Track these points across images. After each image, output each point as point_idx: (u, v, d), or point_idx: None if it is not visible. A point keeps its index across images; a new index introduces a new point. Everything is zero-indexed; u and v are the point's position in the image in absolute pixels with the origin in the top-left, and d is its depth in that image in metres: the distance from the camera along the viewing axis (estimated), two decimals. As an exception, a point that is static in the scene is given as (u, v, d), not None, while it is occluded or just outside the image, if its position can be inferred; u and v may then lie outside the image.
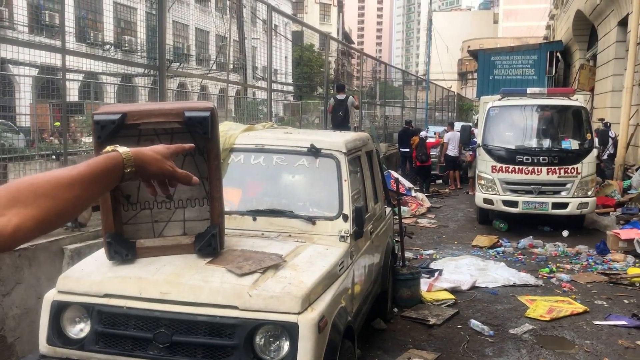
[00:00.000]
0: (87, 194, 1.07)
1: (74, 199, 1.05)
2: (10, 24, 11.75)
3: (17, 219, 0.97)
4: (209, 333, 2.99)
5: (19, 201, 0.99)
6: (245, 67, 13.64)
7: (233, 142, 4.24)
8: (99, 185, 1.10)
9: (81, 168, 1.07)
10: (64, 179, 1.04)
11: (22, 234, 0.98)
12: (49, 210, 1.01)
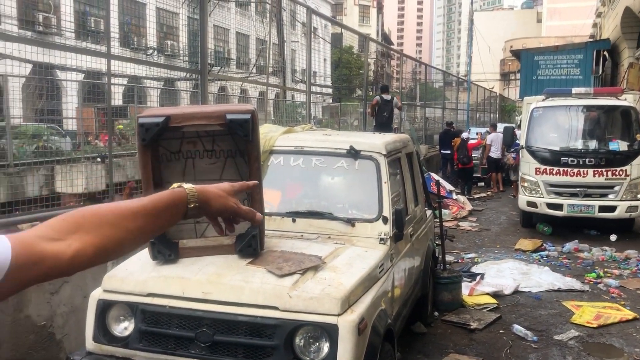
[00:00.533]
0: (149, 227, 1.09)
1: (135, 230, 1.06)
2: (58, 31, 12.16)
3: (77, 244, 0.99)
4: (249, 333, 3.02)
5: (81, 227, 1.01)
6: (284, 70, 13.74)
7: (273, 144, 4.27)
8: (161, 219, 1.11)
9: (145, 201, 1.09)
10: (127, 210, 1.07)
11: (80, 260, 1.00)
12: (110, 238, 1.03)
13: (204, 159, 3.57)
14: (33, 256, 0.95)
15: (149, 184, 3.32)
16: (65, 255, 0.98)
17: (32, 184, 6.45)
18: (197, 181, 3.49)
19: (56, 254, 0.97)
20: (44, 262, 0.96)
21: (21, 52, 6.93)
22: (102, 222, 1.03)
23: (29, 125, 9.77)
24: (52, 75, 9.80)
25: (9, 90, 8.03)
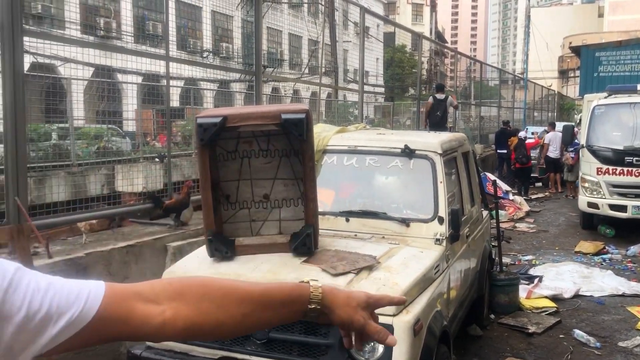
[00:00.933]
0: (255, 315, 0.98)
1: (240, 316, 0.97)
2: (118, 35, 12.57)
3: (170, 313, 0.92)
4: (304, 331, 3.03)
5: (182, 296, 0.94)
6: (336, 70, 13.75)
7: (326, 143, 4.28)
8: (272, 311, 1.00)
9: (263, 287, 1.00)
10: (237, 291, 0.98)
11: (169, 330, 0.92)
12: (208, 316, 0.94)
13: (259, 158, 3.62)
14: (122, 312, 0.90)
15: (207, 182, 3.40)
16: (154, 321, 0.91)
17: (94, 183, 6.68)
18: (253, 180, 3.56)
19: (145, 317, 0.91)
20: (130, 322, 0.90)
21: (84, 55, 7.21)
22: (205, 297, 0.95)
23: (90, 127, 10.14)
24: (112, 78, 10.15)
25: (72, 93, 8.34)
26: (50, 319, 0.84)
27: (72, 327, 0.85)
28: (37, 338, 0.84)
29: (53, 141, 9.20)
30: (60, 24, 11.67)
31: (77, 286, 0.89)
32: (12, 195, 3.87)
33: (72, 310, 0.86)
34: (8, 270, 0.84)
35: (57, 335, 0.85)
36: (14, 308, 0.82)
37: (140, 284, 0.95)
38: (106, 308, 0.88)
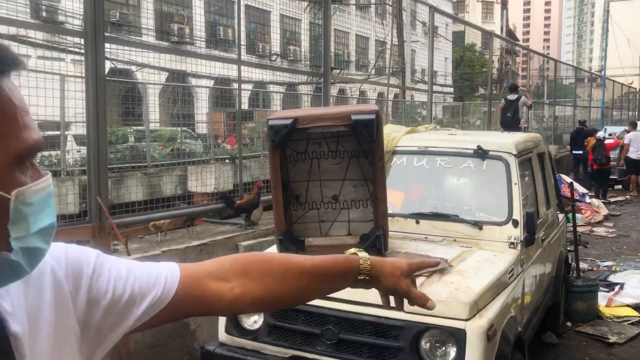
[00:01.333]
0: (312, 287, 1.07)
1: (298, 289, 1.05)
2: (191, 40, 12.97)
3: (240, 289, 1.00)
4: (374, 333, 3.01)
5: (247, 273, 1.01)
6: (404, 70, 13.62)
7: (396, 144, 4.24)
8: (327, 282, 1.09)
9: (317, 260, 1.08)
10: (295, 266, 1.05)
11: (238, 305, 1.01)
12: (272, 291, 1.03)
13: (329, 159, 3.63)
14: (197, 291, 0.97)
15: (278, 183, 3.44)
16: (226, 298, 0.99)
17: (168, 184, 6.91)
18: (322, 181, 3.58)
19: (217, 294, 0.99)
20: (204, 299, 0.98)
21: (159, 60, 7.49)
22: (269, 273, 1.03)
23: (165, 129, 10.51)
24: (185, 82, 10.49)
25: (148, 97, 8.67)
26: (134, 302, 0.91)
27: (155, 307, 0.93)
28: (123, 320, 0.91)
29: (130, 143, 9.60)
30: (137, 31, 12.19)
31: (154, 270, 0.96)
32: (94, 195, 4.06)
33: (154, 292, 0.93)
34: (91, 257, 0.91)
35: (141, 316, 0.92)
36: (100, 293, 0.88)
37: (209, 263, 1.03)
38: (183, 288, 0.95)
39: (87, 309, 0.88)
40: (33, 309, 0.81)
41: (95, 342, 0.89)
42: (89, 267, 0.89)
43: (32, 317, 0.80)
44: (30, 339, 0.79)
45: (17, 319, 0.78)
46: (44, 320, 0.81)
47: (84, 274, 0.88)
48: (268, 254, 1.11)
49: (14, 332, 0.76)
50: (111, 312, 0.89)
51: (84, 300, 0.87)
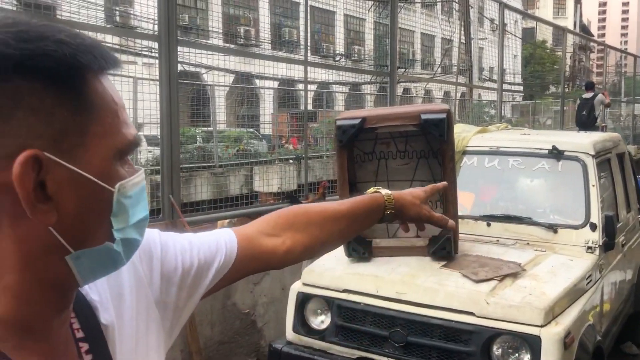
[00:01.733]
0: (349, 229, 1.14)
1: (337, 232, 1.12)
2: (257, 42, 13.20)
3: (290, 242, 1.06)
4: (444, 337, 2.95)
5: (293, 226, 1.08)
6: (470, 68, 13.32)
7: (466, 144, 4.14)
8: (359, 222, 1.16)
9: (348, 204, 1.14)
10: (332, 212, 1.12)
11: (291, 256, 1.07)
12: (317, 238, 1.10)
13: (397, 160, 3.59)
14: (254, 250, 1.03)
15: (345, 183, 3.43)
16: (280, 251, 1.05)
17: (234, 183, 7.04)
18: (390, 182, 3.54)
19: (272, 249, 1.05)
20: (262, 256, 1.04)
21: (226, 63, 7.63)
22: (311, 222, 1.10)
23: (231, 130, 10.72)
24: (251, 84, 10.66)
25: (215, 98, 8.86)
26: (202, 272, 0.95)
27: (219, 273, 0.97)
28: (195, 290, 0.94)
29: (198, 144, 9.86)
30: (205, 34, 12.51)
31: (212, 237, 1.01)
32: (166, 193, 4.18)
33: (218, 258, 0.97)
34: (155, 237, 0.94)
35: (209, 284, 0.96)
36: (171, 269, 0.92)
37: (255, 223, 1.09)
38: (242, 250, 1.00)
39: (162, 288, 0.90)
40: (116, 296, 0.84)
41: (174, 319, 0.92)
42: (157, 246, 0.92)
43: (116, 304, 0.83)
44: (118, 326, 0.82)
45: (105, 307, 0.81)
46: (126, 305, 0.84)
47: (154, 254, 0.91)
48: (304, 205, 1.17)
49: (104, 322, 0.80)
50: (183, 286, 0.92)
51: (158, 281, 0.90)
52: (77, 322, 0.78)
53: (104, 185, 0.67)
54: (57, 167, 0.64)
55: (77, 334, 0.77)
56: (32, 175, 0.63)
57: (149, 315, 0.87)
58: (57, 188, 0.65)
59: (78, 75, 0.66)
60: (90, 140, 0.66)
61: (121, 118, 0.70)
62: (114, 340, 0.80)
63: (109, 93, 0.69)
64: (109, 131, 0.68)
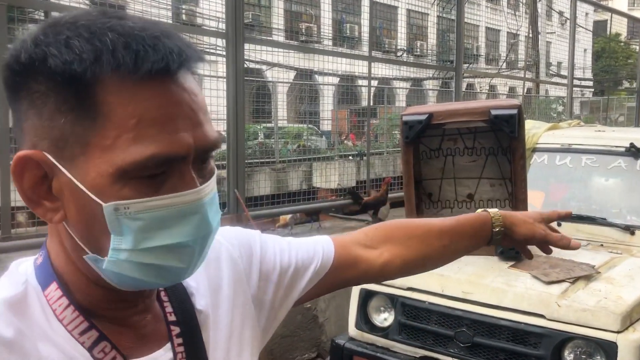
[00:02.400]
0: (453, 246, 1.10)
1: (440, 248, 1.08)
2: (318, 38, 13.24)
3: (388, 254, 1.04)
4: (511, 339, 2.87)
5: (391, 238, 1.06)
6: (537, 63, 12.89)
7: (536, 141, 4.01)
8: (465, 240, 1.11)
9: (452, 220, 1.11)
10: (434, 227, 1.09)
11: (389, 269, 1.05)
12: (417, 252, 1.07)
13: (464, 157, 3.51)
14: (350, 258, 1.01)
15: (410, 180, 3.39)
16: (377, 263, 1.03)
17: (294, 179, 7.10)
18: (457, 179, 3.47)
19: (369, 261, 1.03)
20: (358, 265, 1.02)
21: (288, 59, 7.70)
22: (411, 236, 1.07)
23: (292, 126, 10.82)
24: (312, 80, 10.71)
25: (277, 95, 8.97)
26: (299, 273, 0.95)
27: (316, 277, 0.97)
28: (291, 292, 0.95)
29: (259, 140, 10.00)
30: (267, 31, 12.67)
31: (310, 242, 1.01)
32: (232, 188, 4.27)
33: (314, 262, 0.97)
34: (256, 236, 0.96)
35: (305, 287, 0.96)
36: (269, 268, 0.93)
37: (354, 233, 1.07)
38: (338, 257, 0.99)
39: (260, 285, 0.92)
40: (214, 285, 0.86)
41: (269, 319, 0.94)
42: (257, 245, 0.94)
43: (214, 294, 0.86)
44: (213, 314, 0.84)
45: (202, 294, 0.84)
46: (224, 297, 0.87)
47: (253, 252, 0.93)
48: (403, 219, 1.14)
49: (199, 308, 0.82)
50: (281, 285, 0.94)
51: (257, 278, 0.92)
52: (170, 306, 0.80)
53: (95, 198, 0.63)
54: (59, 170, 0.65)
55: (169, 317, 0.79)
56: (33, 173, 0.65)
57: (245, 310, 0.89)
58: (60, 190, 0.66)
59: (77, 82, 0.62)
60: (90, 151, 0.63)
61: (136, 134, 0.63)
62: (208, 326, 0.82)
63: (125, 104, 0.62)
64: (111, 146, 0.63)
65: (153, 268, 0.67)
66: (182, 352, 0.77)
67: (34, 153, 0.64)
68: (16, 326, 0.66)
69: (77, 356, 0.68)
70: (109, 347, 0.70)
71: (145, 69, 0.62)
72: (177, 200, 0.65)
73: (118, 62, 0.61)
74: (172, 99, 0.64)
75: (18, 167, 0.65)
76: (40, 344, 0.67)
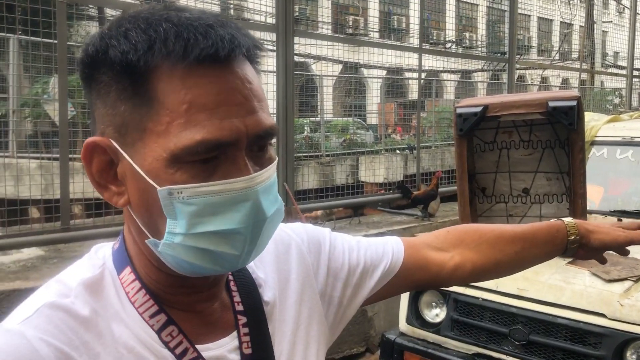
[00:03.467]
0: (526, 252, 1.07)
1: (513, 254, 1.06)
2: (365, 31, 13.16)
3: (459, 257, 1.03)
4: (569, 338, 2.78)
5: (463, 242, 1.04)
6: (593, 54, 12.44)
7: (595, 134, 3.87)
8: (538, 247, 1.08)
9: (525, 227, 1.09)
10: (507, 232, 1.07)
11: (460, 273, 1.03)
12: (489, 257, 1.04)
13: (520, 150, 3.42)
14: (420, 260, 1.00)
15: (464, 174, 3.33)
16: (448, 266, 1.02)
17: (340, 173, 7.09)
18: (512, 172, 3.39)
19: (440, 263, 1.02)
20: (429, 268, 1.01)
21: (335, 52, 7.66)
22: (483, 241, 1.05)
23: (338, 120, 10.81)
24: (358, 73, 10.65)
25: (323, 88, 8.97)
26: (367, 272, 0.95)
27: (385, 277, 0.96)
28: (359, 291, 0.95)
29: (305, 133, 10.03)
30: (314, 25, 12.67)
31: (380, 242, 1.00)
32: (281, 181, 4.29)
33: (384, 262, 0.96)
34: (325, 234, 0.96)
35: (374, 287, 0.95)
36: (337, 266, 0.93)
37: (424, 236, 1.06)
38: (409, 258, 0.98)
39: (328, 281, 0.92)
40: (282, 278, 0.87)
41: (337, 316, 0.94)
42: (326, 242, 0.94)
43: (282, 286, 0.87)
44: (280, 306, 0.85)
45: (270, 286, 0.85)
46: (292, 289, 0.87)
47: (322, 249, 0.93)
48: (474, 224, 1.12)
49: (266, 299, 0.83)
50: (349, 283, 0.93)
51: (324, 274, 0.92)
52: (238, 296, 0.81)
53: (151, 182, 0.66)
54: (123, 156, 0.68)
55: (237, 306, 0.80)
56: (101, 159, 0.68)
57: (312, 305, 0.90)
58: (123, 175, 0.69)
59: (134, 71, 0.64)
60: (147, 137, 0.66)
61: (186, 120, 0.64)
62: (274, 318, 0.83)
63: (177, 91, 0.64)
64: (165, 132, 0.65)
65: (206, 253, 0.67)
66: (247, 341, 0.78)
67: (101, 139, 0.68)
68: (92, 306, 0.69)
69: (146, 338, 0.70)
70: (177, 332, 0.72)
71: (194, 55, 0.63)
72: (228, 186, 0.66)
73: (169, 49, 0.63)
74: (223, 86, 0.65)
75: (87, 152, 0.68)
76: (113, 324, 0.70)
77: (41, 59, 4.51)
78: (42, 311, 0.67)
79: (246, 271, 0.84)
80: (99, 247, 0.78)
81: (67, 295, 0.69)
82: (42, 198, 4.18)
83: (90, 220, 4.12)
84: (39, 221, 4.23)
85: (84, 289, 0.70)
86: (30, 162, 4.77)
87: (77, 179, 4.00)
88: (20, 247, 3.79)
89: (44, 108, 5.41)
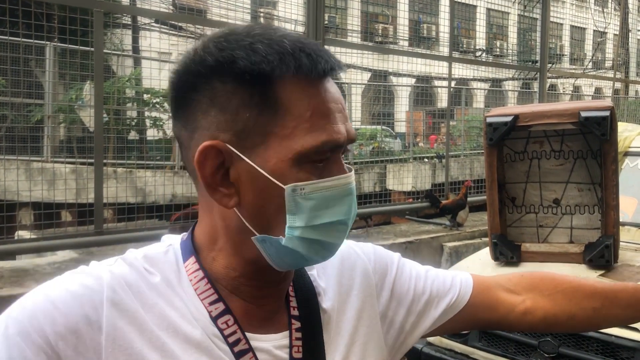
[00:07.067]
0: (604, 311, 1.02)
1: (590, 310, 1.01)
2: (394, 40, 13.15)
3: (530, 302, 1.00)
4: (600, 352, 2.73)
5: (536, 288, 1.02)
6: (627, 62, 12.22)
7: (629, 144, 3.80)
8: (619, 308, 1.03)
9: (605, 284, 1.05)
10: (586, 286, 1.03)
11: (530, 318, 1.00)
12: (563, 308, 1.01)
13: (551, 160, 3.39)
14: (490, 299, 0.99)
15: (493, 184, 3.30)
16: (517, 310, 0.99)
17: (368, 181, 7.08)
18: (542, 183, 3.35)
19: (509, 305, 0.99)
20: (496, 309, 0.99)
21: (363, 60, 7.68)
22: (558, 289, 1.02)
23: (366, 128, 10.81)
24: (387, 81, 10.64)
25: (351, 96, 8.99)
26: (432, 302, 0.95)
27: (450, 310, 0.95)
28: (422, 320, 0.94)
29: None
30: (343, 33, 12.73)
31: (449, 274, 0.99)
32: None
33: (450, 295, 0.96)
34: (394, 258, 0.97)
35: (438, 318, 0.95)
36: (402, 291, 0.94)
37: (497, 276, 1.04)
38: (477, 295, 0.97)
39: (391, 305, 0.93)
40: (343, 292, 0.88)
41: (397, 341, 0.93)
42: (393, 266, 0.95)
43: (342, 299, 0.88)
44: (337, 318, 0.86)
45: (329, 296, 0.86)
46: (351, 304, 0.88)
47: (388, 271, 0.95)
48: (552, 272, 1.06)
49: (324, 307, 0.85)
50: (412, 310, 0.94)
51: (387, 296, 0.93)
52: (294, 301, 0.83)
53: (276, 182, 0.71)
54: (238, 159, 0.72)
55: (292, 311, 0.82)
56: (213, 162, 0.72)
57: (371, 324, 0.90)
58: (238, 177, 0.73)
59: (263, 80, 0.70)
60: (270, 140, 0.71)
61: (311, 124, 0.72)
62: (330, 327, 0.84)
63: (301, 99, 0.72)
64: (290, 135, 0.71)
65: (317, 244, 0.74)
66: (299, 345, 0.80)
67: (217, 143, 0.72)
68: (157, 275, 0.76)
69: (203, 319, 0.75)
70: (232, 321, 0.76)
71: (319, 70, 0.72)
72: (338, 182, 0.74)
73: (299, 63, 0.71)
74: (332, 97, 0.74)
75: (201, 155, 0.72)
76: (172, 296, 0.76)
77: (77, 66, 4.64)
78: (120, 262, 0.76)
79: (307, 278, 0.86)
80: (168, 237, 0.84)
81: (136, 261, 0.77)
82: (76, 202, 4.28)
83: (122, 224, 4.21)
84: (72, 224, 4.34)
85: (145, 261, 0.77)
86: (65, 167, 4.89)
87: (110, 184, 4.09)
88: (55, 250, 3.89)
89: (77, 114, 5.55)
